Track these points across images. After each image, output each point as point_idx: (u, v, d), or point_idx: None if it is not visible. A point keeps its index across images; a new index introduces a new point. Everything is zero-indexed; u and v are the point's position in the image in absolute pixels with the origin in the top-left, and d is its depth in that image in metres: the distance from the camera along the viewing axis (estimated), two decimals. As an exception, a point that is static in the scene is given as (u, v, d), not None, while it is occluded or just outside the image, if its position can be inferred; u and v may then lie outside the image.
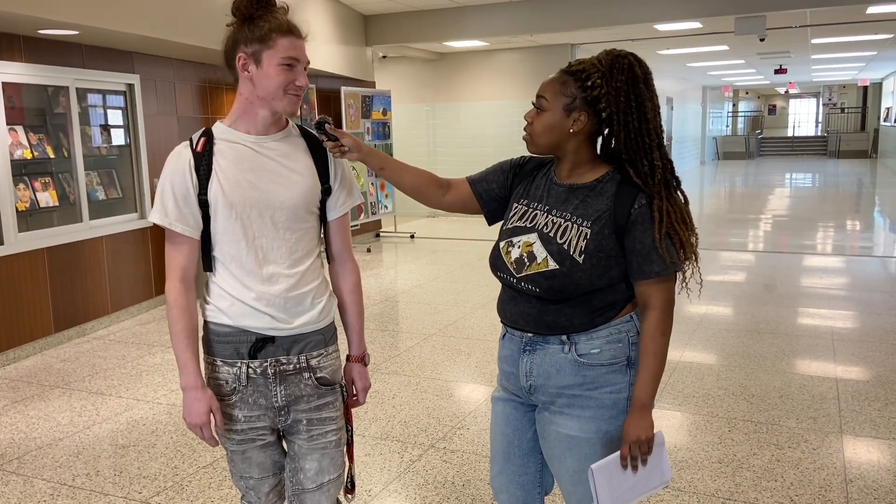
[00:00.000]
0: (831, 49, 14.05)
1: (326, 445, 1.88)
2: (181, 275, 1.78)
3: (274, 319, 1.79)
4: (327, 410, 1.88)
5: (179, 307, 1.77)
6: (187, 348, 1.77)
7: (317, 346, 1.86)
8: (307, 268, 1.84)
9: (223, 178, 1.76)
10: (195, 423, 1.77)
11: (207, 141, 1.79)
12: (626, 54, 1.72)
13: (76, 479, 3.28)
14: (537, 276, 1.74)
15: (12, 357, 5.03)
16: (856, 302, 6.10)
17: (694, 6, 8.18)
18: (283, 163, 1.81)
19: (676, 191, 1.76)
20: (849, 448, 3.41)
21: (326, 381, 1.87)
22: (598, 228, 1.71)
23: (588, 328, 1.75)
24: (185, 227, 1.76)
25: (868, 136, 26.20)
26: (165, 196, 1.76)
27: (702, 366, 4.60)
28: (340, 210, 1.92)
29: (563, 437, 1.79)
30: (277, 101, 1.75)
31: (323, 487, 1.89)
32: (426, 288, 7.01)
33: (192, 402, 1.76)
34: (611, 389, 1.75)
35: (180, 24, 5.70)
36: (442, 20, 9.25)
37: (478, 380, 4.44)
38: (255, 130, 1.80)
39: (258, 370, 1.81)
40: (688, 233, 1.75)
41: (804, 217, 11.78)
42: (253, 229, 1.77)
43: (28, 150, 5.20)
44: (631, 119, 1.69)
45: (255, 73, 1.73)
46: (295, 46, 1.73)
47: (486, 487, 3.11)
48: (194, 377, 1.77)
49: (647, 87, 1.71)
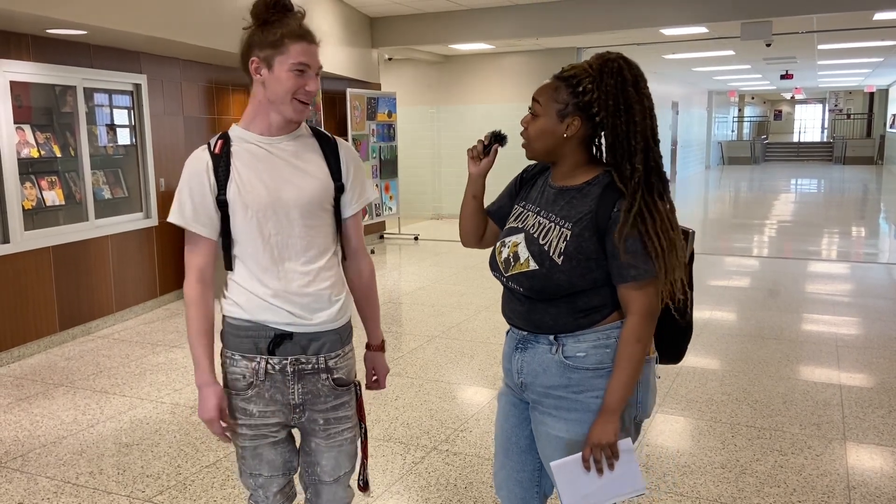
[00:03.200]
0: (838, 55, 14.02)
1: (342, 443, 1.95)
2: (199, 275, 1.83)
3: (292, 315, 1.83)
4: (343, 410, 1.94)
5: (197, 306, 1.82)
6: (201, 346, 1.82)
7: (333, 347, 1.90)
8: (323, 265, 1.88)
9: (240, 179, 1.80)
10: (205, 418, 1.82)
11: (225, 143, 1.84)
12: (615, 57, 1.71)
13: (80, 478, 3.29)
14: (520, 276, 1.77)
15: (17, 355, 5.05)
16: (860, 308, 6.08)
17: (700, 11, 8.17)
18: (296, 163, 1.86)
19: (661, 197, 1.70)
20: (852, 455, 3.41)
21: (343, 381, 1.92)
22: (579, 230, 1.72)
23: (573, 329, 1.76)
24: (202, 227, 1.81)
25: (874, 142, 26.13)
26: (183, 198, 1.81)
27: (705, 371, 4.59)
28: (355, 207, 1.96)
29: (553, 438, 1.81)
30: (285, 106, 1.79)
31: (339, 480, 1.98)
32: (430, 290, 7.02)
33: (203, 398, 1.82)
34: (596, 394, 1.75)
35: (188, 24, 5.72)
36: (448, 23, 9.26)
37: (481, 382, 4.44)
38: (268, 131, 1.85)
39: (277, 366, 1.85)
40: (665, 243, 1.68)
41: (809, 223, 11.76)
42: (268, 227, 1.81)
43: (35, 148, 5.22)
44: (619, 122, 1.69)
45: (267, 76, 1.78)
46: (306, 52, 1.77)
47: (488, 490, 3.11)
48: (207, 374, 1.82)
49: (637, 90, 1.69)
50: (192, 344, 1.83)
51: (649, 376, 1.83)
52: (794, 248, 9.25)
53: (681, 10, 8.23)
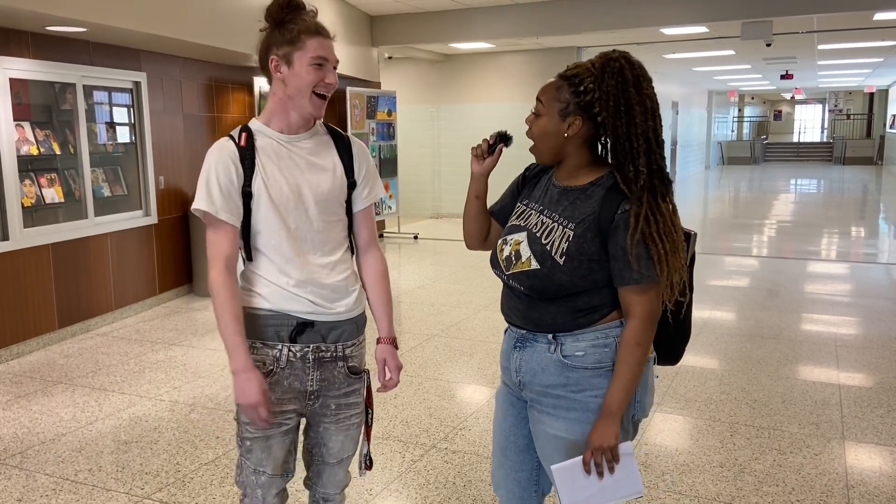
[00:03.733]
0: (838, 55, 14.03)
1: (350, 427, 2.02)
2: (225, 263, 1.84)
3: (314, 304, 1.88)
4: (354, 396, 2.01)
5: (226, 293, 1.81)
6: (236, 333, 1.81)
7: (351, 336, 1.96)
8: (339, 258, 1.95)
9: (264, 173, 1.85)
10: (251, 402, 1.80)
11: (249, 136, 1.88)
12: (618, 56, 1.70)
13: (78, 475, 3.28)
14: (521, 275, 1.78)
15: (16, 352, 5.05)
16: (860, 308, 6.09)
17: (701, 10, 8.17)
18: (313, 160, 1.92)
19: (664, 199, 1.69)
20: (851, 454, 3.41)
21: (356, 369, 1.99)
22: (581, 231, 1.72)
23: (572, 329, 1.76)
24: (229, 215, 1.83)
25: (874, 142, 26.14)
26: (211, 186, 1.82)
27: (704, 370, 4.59)
28: (365, 202, 2.02)
29: (552, 437, 1.81)
30: (304, 101, 1.84)
31: (342, 462, 2.06)
32: (429, 289, 7.02)
33: (245, 383, 1.80)
34: (595, 393, 1.75)
35: (188, 22, 5.71)
36: (448, 22, 9.26)
37: (480, 381, 4.45)
38: (287, 129, 1.90)
39: (298, 354, 1.89)
40: (668, 245, 1.67)
41: (808, 223, 11.76)
42: (290, 221, 1.87)
43: (34, 146, 5.22)
44: (620, 123, 1.68)
45: (287, 73, 1.84)
46: (323, 46, 1.84)
47: (487, 488, 3.11)
48: (244, 360, 1.81)
49: (638, 91, 1.69)
50: (226, 331, 1.80)
51: (648, 376, 1.83)
52: (794, 248, 9.26)
53: (681, 9, 8.23)
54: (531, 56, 11.54)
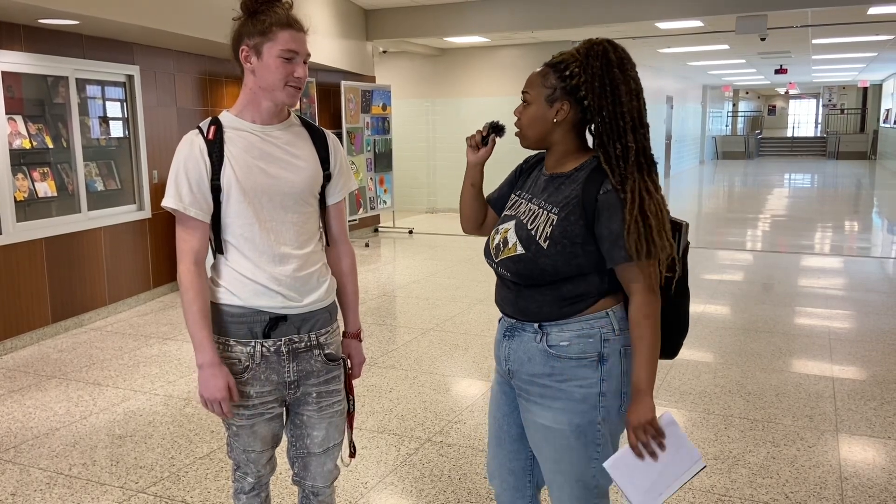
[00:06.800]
0: (832, 49, 14.05)
1: (333, 415, 2.02)
2: (194, 258, 1.84)
3: (286, 299, 1.88)
4: (334, 383, 2.01)
5: (195, 289, 1.83)
6: (203, 328, 1.82)
7: (324, 324, 1.97)
8: (312, 250, 1.95)
9: (235, 165, 1.84)
10: (214, 398, 1.83)
11: (217, 129, 1.86)
12: (600, 41, 1.73)
13: (73, 469, 3.28)
14: (507, 261, 1.79)
15: (10, 347, 5.03)
16: (853, 302, 6.11)
17: (695, 5, 8.17)
18: (288, 150, 1.91)
19: (649, 174, 1.70)
20: (844, 446, 3.42)
21: (333, 356, 2.00)
22: (565, 215, 1.73)
23: (557, 318, 1.77)
24: (198, 211, 1.83)
25: (867, 137, 26.21)
26: (180, 182, 1.82)
27: (699, 363, 4.60)
28: (339, 195, 2.04)
29: (540, 427, 1.82)
30: (278, 92, 1.84)
31: (328, 451, 2.05)
32: (424, 283, 7.02)
33: (210, 378, 1.82)
34: (580, 384, 1.76)
35: (181, 15, 5.69)
36: (443, 15, 9.24)
37: (475, 374, 4.45)
38: (260, 120, 1.89)
39: (272, 348, 1.89)
40: (656, 223, 1.66)
41: (802, 217, 11.79)
42: (264, 213, 1.86)
43: (27, 139, 5.19)
44: (606, 103, 1.70)
45: (257, 64, 1.83)
46: (294, 39, 1.82)
47: (482, 481, 3.11)
48: (211, 354, 1.82)
49: (622, 71, 1.71)
50: (193, 326, 1.82)
51: None
52: (788, 242, 9.28)
53: (676, 3, 8.23)
54: (526, 50, 11.53)
